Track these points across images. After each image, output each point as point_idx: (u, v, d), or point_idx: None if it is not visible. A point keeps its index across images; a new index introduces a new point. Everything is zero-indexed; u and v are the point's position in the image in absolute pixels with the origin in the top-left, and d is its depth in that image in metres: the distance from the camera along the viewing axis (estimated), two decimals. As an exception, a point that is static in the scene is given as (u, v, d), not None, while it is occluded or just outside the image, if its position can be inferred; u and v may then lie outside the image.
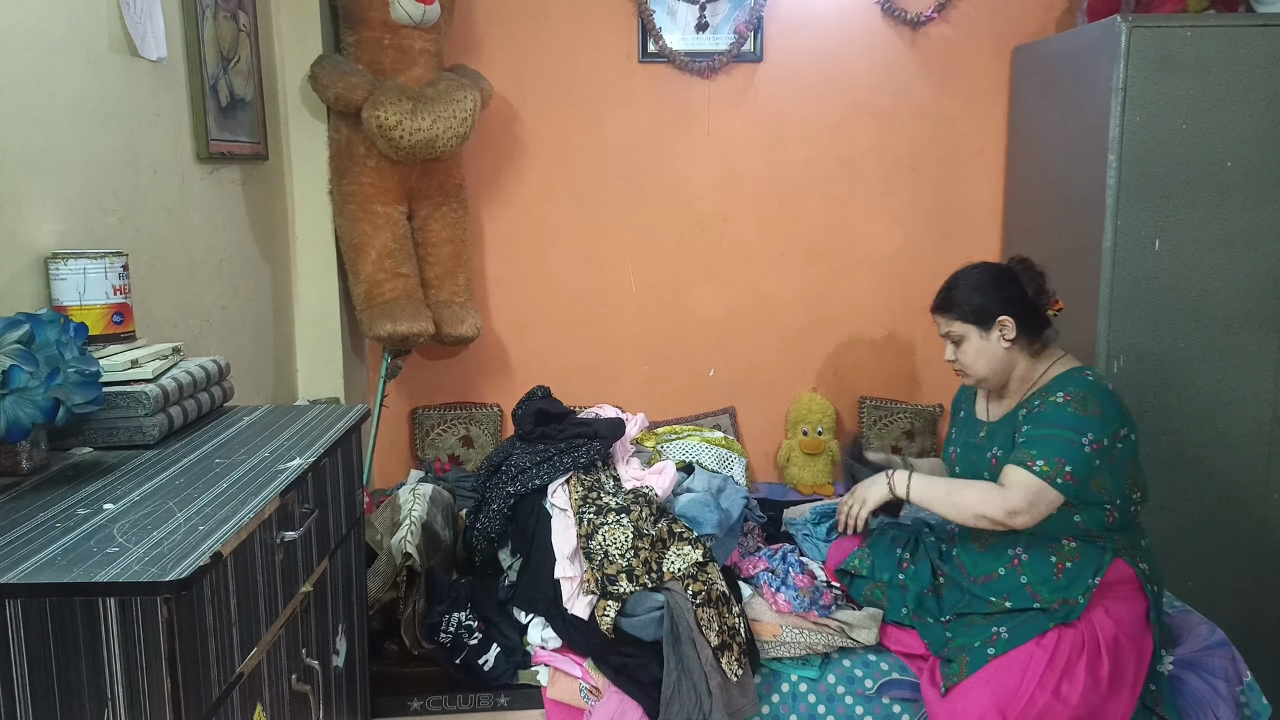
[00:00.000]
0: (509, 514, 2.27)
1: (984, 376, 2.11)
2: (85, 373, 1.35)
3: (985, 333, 2.07)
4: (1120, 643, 1.92)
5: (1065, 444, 1.91)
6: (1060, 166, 2.86)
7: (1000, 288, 2.07)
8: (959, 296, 2.10)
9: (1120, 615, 1.94)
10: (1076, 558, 1.97)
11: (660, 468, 2.42)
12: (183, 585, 1.03)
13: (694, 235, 3.22)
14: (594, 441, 2.37)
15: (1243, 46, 2.52)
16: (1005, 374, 2.10)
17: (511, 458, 2.38)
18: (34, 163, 1.60)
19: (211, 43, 2.24)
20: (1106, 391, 1.98)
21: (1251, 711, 2.04)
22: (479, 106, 2.80)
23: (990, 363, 2.08)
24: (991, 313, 2.06)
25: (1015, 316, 2.05)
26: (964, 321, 2.08)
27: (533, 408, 2.49)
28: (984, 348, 2.08)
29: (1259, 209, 2.58)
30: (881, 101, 3.17)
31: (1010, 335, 2.05)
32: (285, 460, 1.45)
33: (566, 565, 2.12)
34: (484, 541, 2.29)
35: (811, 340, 3.29)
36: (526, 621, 2.18)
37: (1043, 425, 1.96)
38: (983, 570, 2.06)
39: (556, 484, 2.28)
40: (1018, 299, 2.06)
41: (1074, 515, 1.96)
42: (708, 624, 2.01)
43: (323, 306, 2.90)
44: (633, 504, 2.17)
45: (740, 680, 2.00)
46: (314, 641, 1.55)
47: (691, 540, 2.13)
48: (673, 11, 3.07)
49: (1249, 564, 2.71)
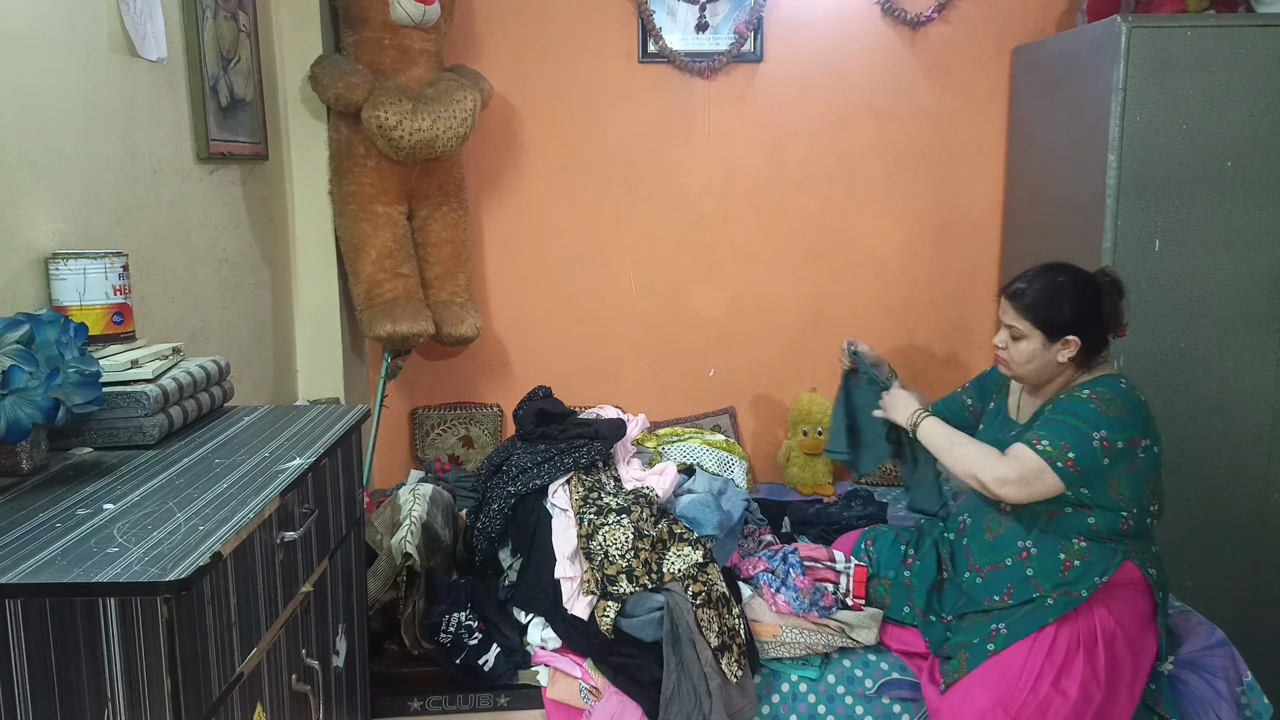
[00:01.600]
0: (509, 514, 2.27)
1: (1024, 377, 2.05)
2: (85, 373, 1.35)
3: (1049, 343, 1.98)
4: (1118, 640, 1.92)
5: (1074, 431, 1.89)
6: (1060, 166, 2.86)
7: (1081, 304, 1.98)
8: (1037, 298, 1.99)
9: (1122, 615, 1.94)
10: (1086, 557, 1.95)
11: (661, 469, 2.42)
12: (183, 585, 1.03)
13: (694, 235, 3.22)
14: (595, 442, 2.37)
15: (1243, 46, 2.52)
16: (1046, 381, 2.04)
17: (512, 458, 2.38)
18: (34, 163, 1.60)
19: (211, 43, 2.24)
20: (1136, 402, 1.94)
21: (1253, 712, 2.05)
22: (479, 106, 2.80)
23: (1039, 371, 2.01)
24: (1063, 329, 1.97)
25: (1083, 337, 1.97)
26: (1033, 324, 1.98)
27: (534, 408, 2.49)
28: (1041, 355, 1.99)
29: (1259, 209, 2.58)
30: (881, 101, 3.17)
31: (1071, 354, 1.98)
32: (285, 460, 1.44)
33: (567, 565, 2.12)
34: (484, 541, 2.29)
35: (811, 340, 3.29)
36: (526, 621, 2.19)
37: (1059, 413, 1.94)
38: (990, 560, 2.05)
39: (557, 484, 2.28)
40: (1091, 320, 1.98)
41: (1089, 517, 1.94)
42: (707, 625, 2.01)
43: (323, 306, 2.89)
44: (633, 504, 2.17)
45: (740, 681, 2.00)
46: (314, 641, 1.55)
47: (692, 541, 2.13)
48: (673, 11, 3.07)
49: (1249, 564, 2.71)
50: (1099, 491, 1.91)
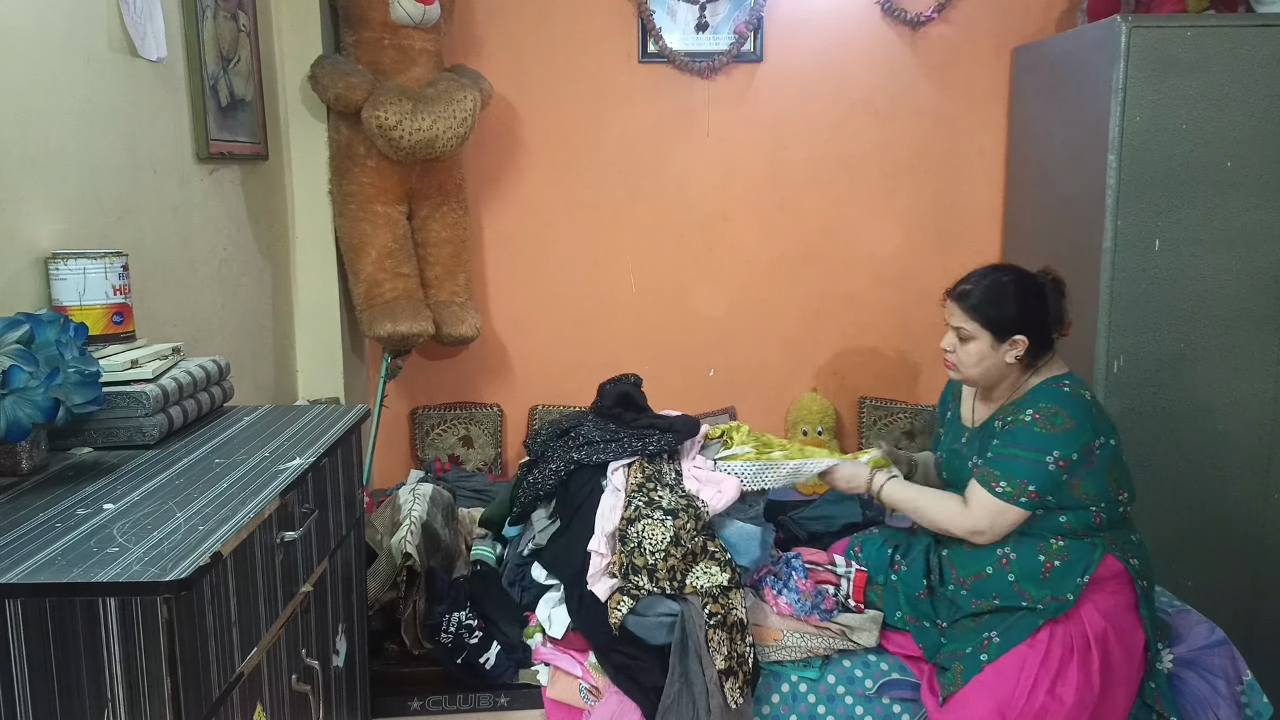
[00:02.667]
0: (565, 477, 2.29)
1: (974, 380, 2.06)
2: (85, 373, 1.35)
3: (997, 343, 1.99)
4: (1109, 637, 1.93)
5: (1029, 465, 1.91)
6: (1060, 166, 2.86)
7: (1026, 304, 1.99)
8: (983, 298, 2.00)
9: (1109, 609, 1.95)
10: (1065, 556, 1.96)
11: (721, 483, 2.31)
12: (183, 585, 1.03)
13: (694, 235, 3.22)
14: (666, 434, 2.36)
15: (1243, 46, 2.52)
16: (995, 383, 2.06)
17: (582, 427, 2.40)
18: (34, 163, 1.60)
19: (211, 43, 2.23)
20: (1079, 403, 1.94)
21: (1253, 711, 2.05)
22: (479, 106, 2.80)
23: (986, 372, 2.03)
24: (1010, 328, 1.98)
25: (1030, 336, 1.98)
26: (979, 325, 2.00)
27: (621, 389, 2.50)
28: (988, 356, 2.01)
29: (1259, 209, 2.58)
30: (881, 101, 3.17)
31: (1019, 353, 1.99)
32: (285, 460, 1.44)
33: (602, 542, 2.11)
34: (531, 495, 2.32)
35: (811, 340, 3.29)
36: (545, 583, 2.20)
37: (1010, 444, 1.95)
38: (971, 570, 2.06)
39: (618, 465, 2.29)
40: (1038, 319, 1.99)
41: (1060, 517, 1.96)
42: (716, 646, 2.00)
43: (323, 306, 2.90)
44: (682, 510, 2.17)
45: (739, 709, 1.99)
46: (314, 641, 1.55)
47: (722, 562, 2.12)
48: (673, 11, 3.07)
49: (1248, 563, 2.71)
50: (1063, 496, 1.94)
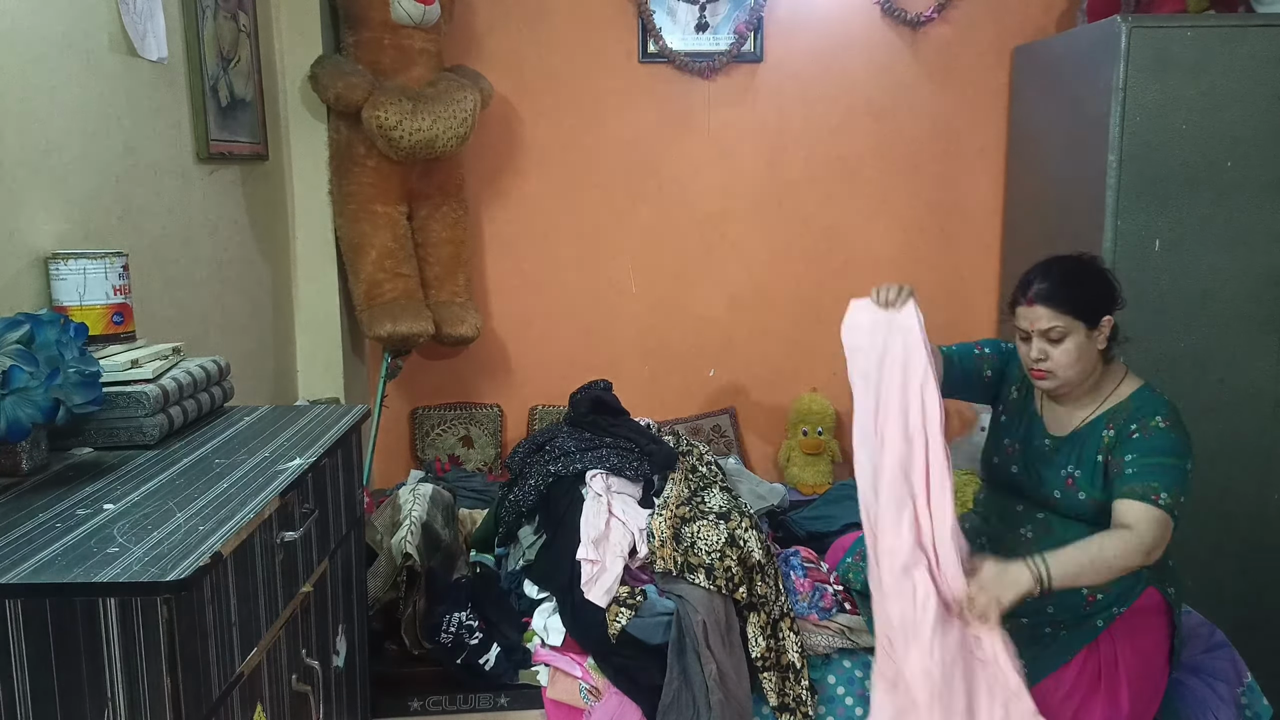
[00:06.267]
0: (545, 491, 2.29)
1: (1071, 381, 1.87)
2: (85, 373, 1.35)
3: (1091, 331, 1.83)
4: (1143, 677, 1.87)
5: (1181, 472, 1.78)
6: (1060, 166, 2.86)
7: (1101, 282, 1.87)
8: (1067, 289, 1.83)
9: (1146, 650, 1.88)
10: (1108, 589, 1.87)
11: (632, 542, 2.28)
12: (183, 585, 1.03)
13: (694, 235, 3.22)
14: (644, 462, 2.37)
15: (1243, 46, 2.52)
16: (1085, 379, 1.89)
17: (557, 440, 2.41)
18: (34, 163, 1.60)
19: (211, 43, 2.23)
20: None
21: (1253, 713, 2.05)
22: (479, 106, 2.80)
23: (1085, 368, 1.85)
24: (1101, 310, 1.84)
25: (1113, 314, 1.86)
26: (1075, 317, 1.82)
27: (592, 394, 2.51)
28: (1085, 348, 1.83)
29: (1259, 209, 2.58)
30: (881, 102, 3.17)
31: (1107, 335, 1.85)
32: (285, 460, 1.44)
33: (590, 549, 2.11)
34: (513, 514, 2.32)
35: (811, 340, 3.28)
36: (538, 598, 2.20)
37: (1155, 454, 1.80)
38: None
39: (597, 471, 2.29)
40: (1111, 293, 1.87)
41: None
42: (770, 687, 2.01)
43: (323, 306, 2.89)
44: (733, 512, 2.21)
45: (740, 709, 1.99)
46: (314, 642, 1.55)
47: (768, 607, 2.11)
48: (673, 12, 3.07)
49: (1249, 564, 2.70)
50: None
